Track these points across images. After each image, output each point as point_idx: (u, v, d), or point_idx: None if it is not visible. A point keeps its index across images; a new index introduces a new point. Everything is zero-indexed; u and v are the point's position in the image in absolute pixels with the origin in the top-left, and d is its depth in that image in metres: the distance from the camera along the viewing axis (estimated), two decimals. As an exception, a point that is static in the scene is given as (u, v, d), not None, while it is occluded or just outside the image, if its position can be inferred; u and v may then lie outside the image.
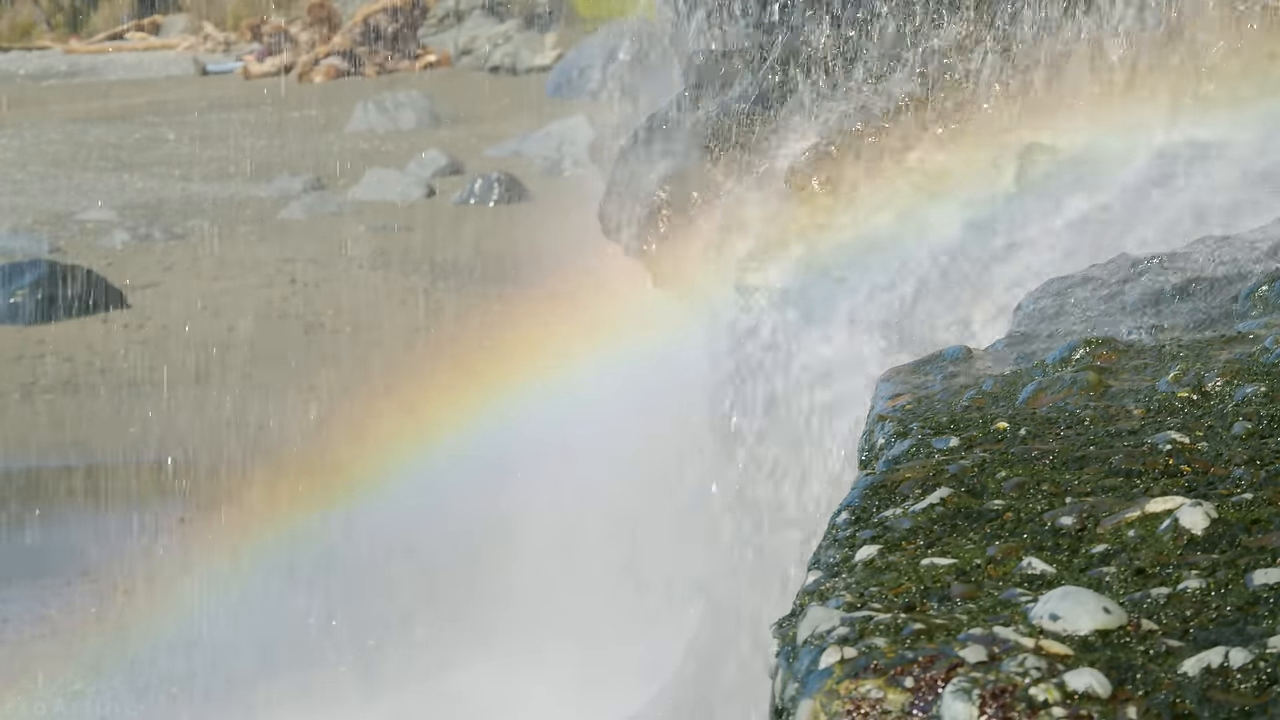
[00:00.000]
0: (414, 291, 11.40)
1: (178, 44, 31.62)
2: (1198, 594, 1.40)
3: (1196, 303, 2.20)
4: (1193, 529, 1.50)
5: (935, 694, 1.28)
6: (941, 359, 2.16)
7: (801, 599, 1.48)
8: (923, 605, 1.41)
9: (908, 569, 1.49)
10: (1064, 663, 1.29)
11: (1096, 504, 1.57)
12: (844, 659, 1.33)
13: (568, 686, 5.51)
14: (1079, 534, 1.52)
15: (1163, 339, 2.08)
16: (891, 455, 1.83)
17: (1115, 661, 1.30)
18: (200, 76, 27.05)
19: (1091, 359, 2.02)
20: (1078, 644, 1.32)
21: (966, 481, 1.67)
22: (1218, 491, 1.58)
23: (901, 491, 1.68)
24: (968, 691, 1.26)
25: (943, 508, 1.62)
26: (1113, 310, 2.27)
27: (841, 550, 1.57)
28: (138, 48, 31.84)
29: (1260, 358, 1.91)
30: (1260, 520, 1.50)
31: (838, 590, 1.47)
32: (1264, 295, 2.15)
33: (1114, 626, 1.34)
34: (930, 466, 1.73)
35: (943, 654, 1.31)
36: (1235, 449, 1.68)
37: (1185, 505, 1.53)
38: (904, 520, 1.60)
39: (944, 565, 1.49)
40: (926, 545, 1.54)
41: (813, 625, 1.40)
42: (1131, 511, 1.54)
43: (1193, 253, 2.46)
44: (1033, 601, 1.39)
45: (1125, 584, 1.43)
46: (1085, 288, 2.39)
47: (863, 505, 1.68)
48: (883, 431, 1.92)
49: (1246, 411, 1.78)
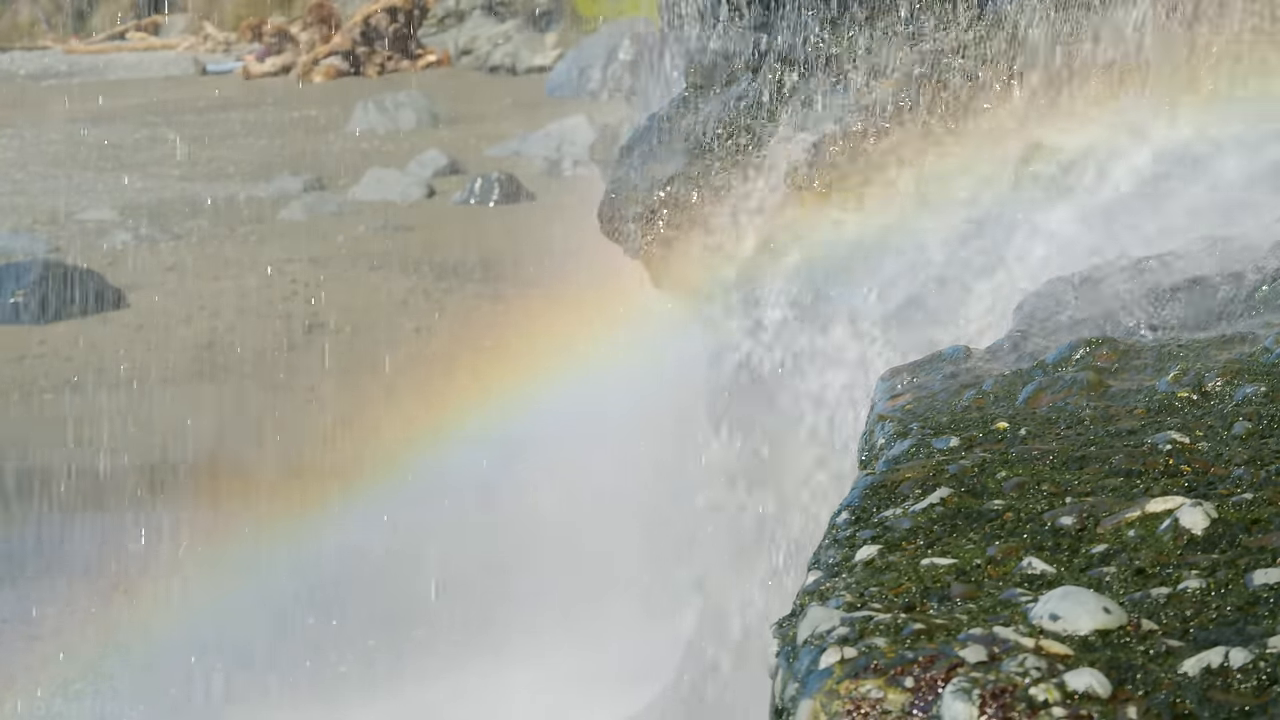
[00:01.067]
0: (414, 291, 11.40)
1: (178, 44, 31.61)
2: (1198, 594, 1.40)
3: (1196, 303, 2.20)
4: (1193, 529, 1.50)
5: (935, 694, 1.28)
6: (941, 359, 2.16)
7: (801, 599, 1.48)
8: (923, 605, 1.41)
9: (908, 569, 1.49)
10: (1064, 663, 1.29)
11: (1096, 504, 1.57)
12: (844, 659, 1.33)
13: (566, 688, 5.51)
14: (1079, 534, 1.53)
15: (1163, 339, 2.08)
16: (891, 455, 1.83)
17: (1115, 661, 1.30)
18: (200, 76, 27.03)
19: (1091, 359, 2.02)
20: (1078, 644, 1.32)
21: (966, 481, 1.67)
22: (1218, 491, 1.58)
23: (901, 491, 1.68)
24: (968, 691, 1.26)
25: (943, 508, 1.62)
26: (1113, 310, 2.27)
27: (842, 550, 1.57)
28: (138, 48, 31.82)
29: (1260, 358, 1.90)
30: (1260, 520, 1.50)
31: (838, 590, 1.47)
32: (1264, 295, 2.15)
33: (1114, 626, 1.34)
34: (930, 466, 1.73)
35: (943, 654, 1.31)
36: (1235, 449, 1.68)
37: (1185, 505, 1.53)
38: (904, 520, 1.60)
39: (944, 565, 1.49)
40: (926, 545, 1.55)
41: (813, 625, 1.40)
42: (1131, 511, 1.54)
43: (1193, 253, 2.45)
44: (1033, 601, 1.39)
45: (1125, 584, 1.43)
46: (1085, 288, 2.39)
47: (863, 505, 1.68)
48: (883, 431, 1.92)
49: (1246, 411, 1.78)
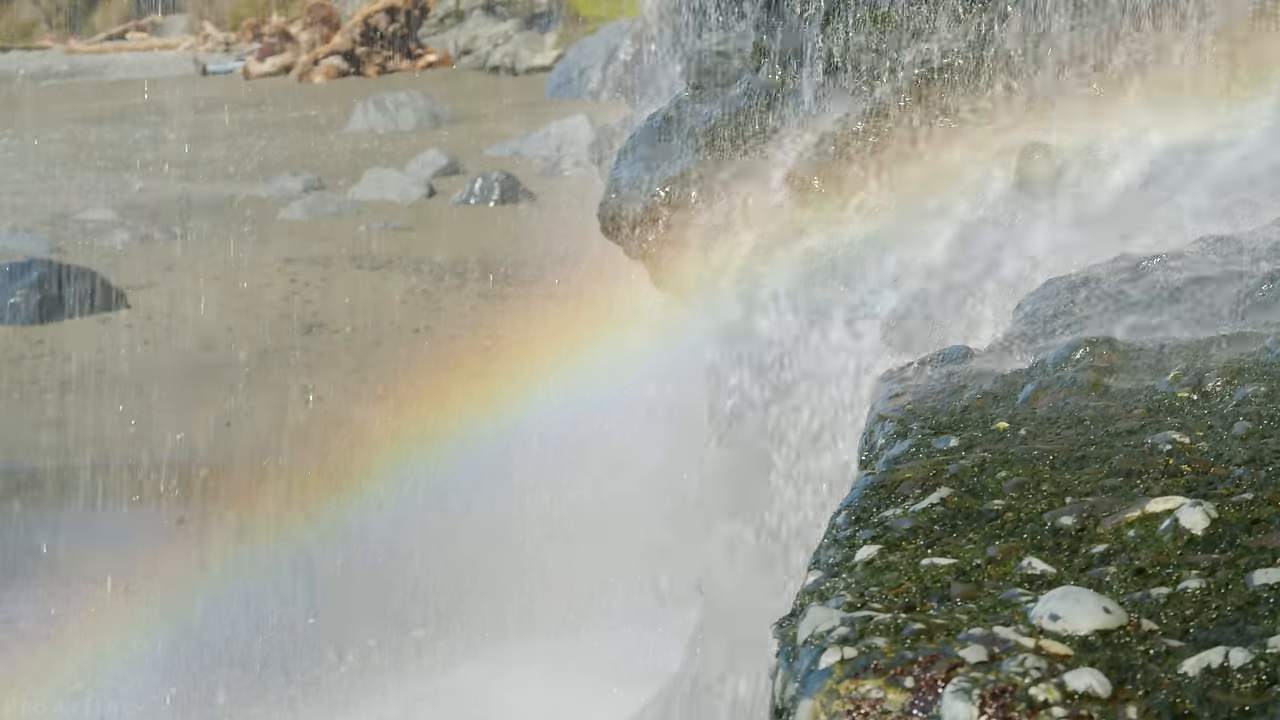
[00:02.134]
0: (414, 291, 11.40)
1: (178, 44, 31.61)
2: (1198, 594, 1.40)
3: (1196, 303, 2.20)
4: (1193, 529, 1.50)
5: (935, 694, 1.28)
6: (941, 359, 2.15)
7: (802, 599, 1.48)
8: (923, 605, 1.41)
9: (908, 569, 1.49)
10: (1064, 663, 1.29)
11: (1096, 504, 1.57)
12: (844, 659, 1.33)
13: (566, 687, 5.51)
14: (1079, 534, 1.52)
15: (1163, 339, 2.08)
16: (891, 455, 1.82)
17: (1115, 661, 1.30)
18: (200, 76, 27.04)
19: (1091, 359, 2.02)
20: (1078, 644, 1.32)
21: (966, 481, 1.67)
22: (1218, 491, 1.58)
23: (901, 491, 1.68)
24: (968, 691, 1.26)
25: (943, 508, 1.62)
26: (1113, 310, 2.26)
27: (842, 550, 1.57)
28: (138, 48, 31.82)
29: (1260, 358, 1.90)
30: (1260, 520, 1.50)
31: (838, 590, 1.47)
32: (1264, 295, 2.15)
33: (1114, 626, 1.34)
34: (930, 466, 1.72)
35: (943, 654, 1.31)
36: (1235, 449, 1.68)
37: (1185, 505, 1.53)
38: (904, 520, 1.60)
39: (944, 565, 1.49)
40: (926, 545, 1.54)
41: (813, 625, 1.40)
42: (1131, 511, 1.54)
43: (1193, 253, 2.45)
44: (1033, 601, 1.39)
45: (1125, 584, 1.43)
46: (1085, 288, 2.39)
47: (863, 505, 1.68)
48: (883, 431, 1.92)
49: (1246, 411, 1.77)
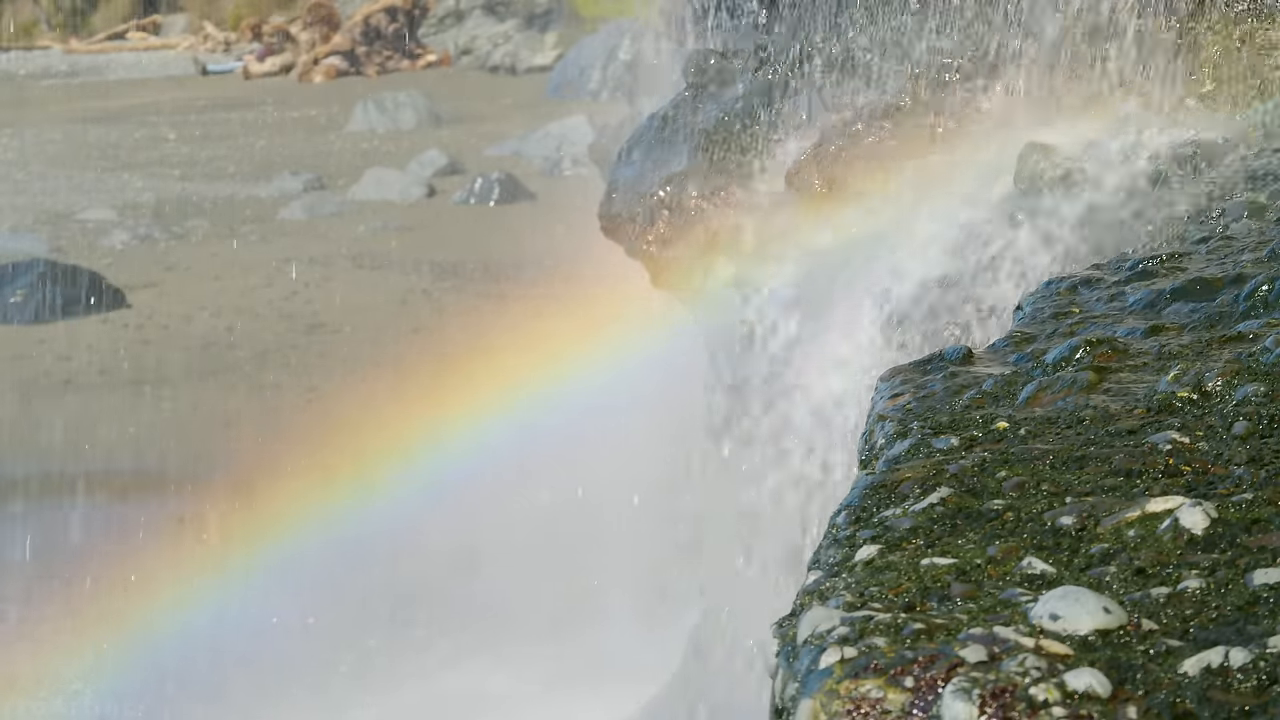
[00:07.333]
0: (414, 291, 11.40)
1: (178, 44, 31.61)
2: (1198, 594, 1.40)
3: (1196, 303, 2.20)
4: (1193, 529, 1.50)
5: (935, 694, 1.28)
6: (941, 359, 2.15)
7: (801, 599, 1.48)
8: (923, 605, 1.41)
9: (908, 569, 1.49)
10: (1064, 662, 1.29)
11: (1096, 504, 1.57)
12: (844, 659, 1.33)
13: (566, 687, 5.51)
14: (1079, 534, 1.52)
15: (1163, 339, 2.08)
16: (891, 455, 1.82)
17: (1115, 661, 1.30)
18: (200, 76, 27.05)
19: (1091, 359, 2.02)
20: (1078, 644, 1.32)
21: (966, 481, 1.67)
22: (1218, 491, 1.58)
23: (901, 491, 1.68)
24: (968, 691, 1.26)
25: (943, 507, 1.62)
26: (1113, 310, 2.26)
27: (841, 550, 1.57)
28: (138, 48, 31.82)
29: (1260, 358, 1.90)
30: (1260, 520, 1.50)
31: (838, 590, 1.47)
32: (1264, 295, 2.15)
33: (1114, 626, 1.34)
34: (930, 466, 1.72)
35: (943, 654, 1.31)
36: (1235, 449, 1.68)
37: (1185, 505, 1.52)
38: (904, 520, 1.60)
39: (944, 565, 1.49)
40: (926, 545, 1.54)
41: (813, 625, 1.40)
42: (1131, 511, 1.54)
43: (1193, 253, 2.45)
44: (1033, 601, 1.39)
45: (1125, 584, 1.43)
46: (1085, 288, 2.39)
47: (863, 505, 1.67)
48: (883, 431, 1.91)
49: (1246, 411, 1.77)
